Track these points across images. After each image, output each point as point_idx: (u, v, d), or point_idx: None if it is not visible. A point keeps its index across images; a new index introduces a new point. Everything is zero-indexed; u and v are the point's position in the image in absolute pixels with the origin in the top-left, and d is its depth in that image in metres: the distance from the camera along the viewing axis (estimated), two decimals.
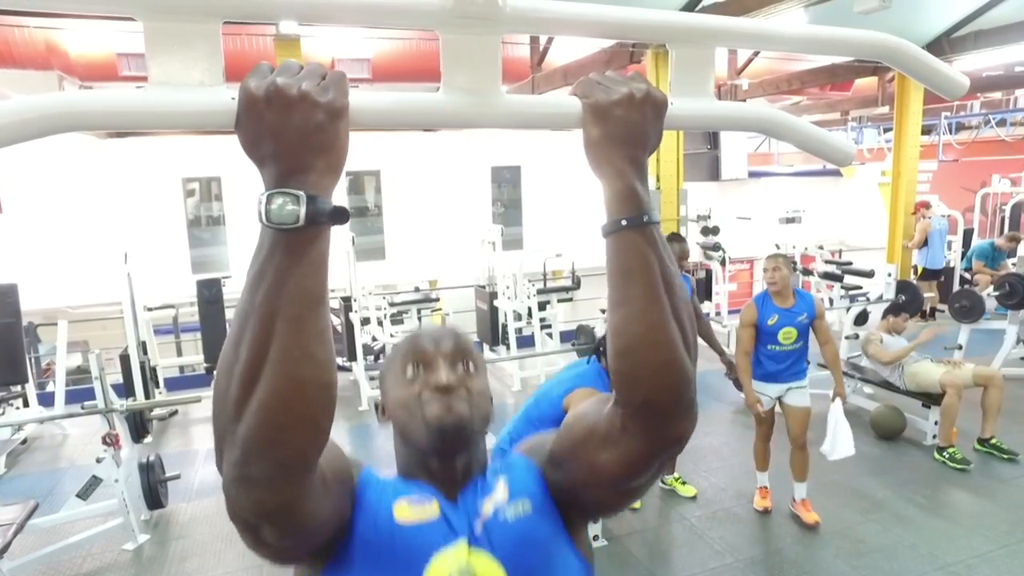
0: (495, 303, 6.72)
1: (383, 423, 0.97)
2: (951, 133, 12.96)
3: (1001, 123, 13.18)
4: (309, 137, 0.61)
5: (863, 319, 6.30)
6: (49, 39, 6.78)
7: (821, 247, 7.50)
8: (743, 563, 3.13)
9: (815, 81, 9.48)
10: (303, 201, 0.60)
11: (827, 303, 6.76)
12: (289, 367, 0.62)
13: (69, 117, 0.57)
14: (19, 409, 5.19)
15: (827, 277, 6.92)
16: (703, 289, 7.35)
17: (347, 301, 5.82)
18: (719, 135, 12.77)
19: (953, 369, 4.30)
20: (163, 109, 0.60)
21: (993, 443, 4.17)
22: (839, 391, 3.46)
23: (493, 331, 6.73)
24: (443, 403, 0.85)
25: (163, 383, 5.91)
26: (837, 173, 14.49)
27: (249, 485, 0.66)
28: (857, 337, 5.18)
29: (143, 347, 5.12)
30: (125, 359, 4.72)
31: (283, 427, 0.63)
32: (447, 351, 0.90)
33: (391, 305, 6.85)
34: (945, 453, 4.08)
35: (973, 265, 8.03)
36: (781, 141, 0.90)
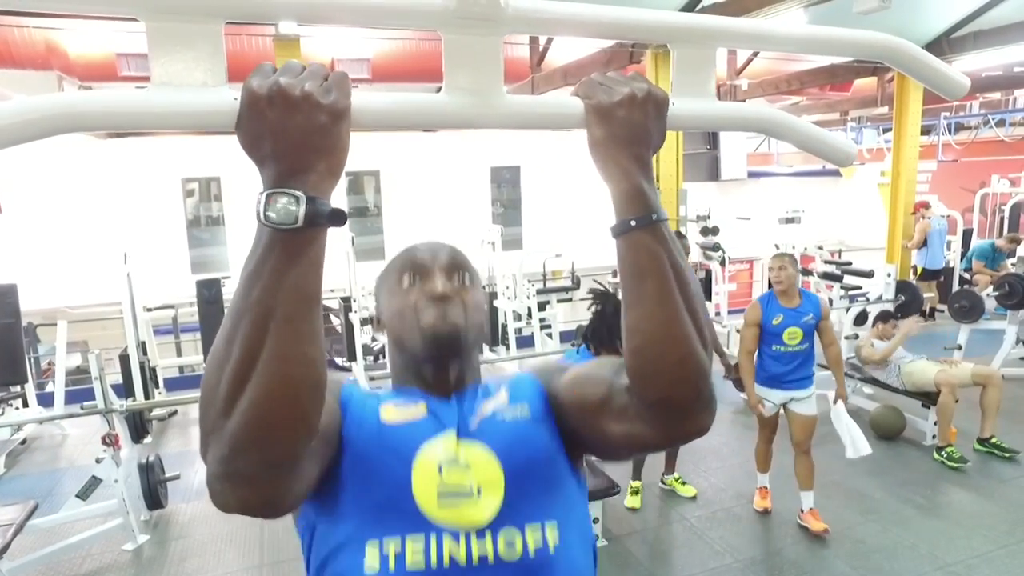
0: (495, 303, 6.71)
1: (377, 335, 0.97)
2: (950, 133, 12.97)
3: (1000, 123, 13.19)
4: (310, 138, 0.61)
5: (862, 319, 6.30)
6: (49, 39, 6.77)
7: (821, 247, 7.49)
8: (743, 563, 3.13)
9: (814, 81, 9.48)
10: (303, 202, 0.60)
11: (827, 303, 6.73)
12: (282, 366, 0.62)
13: (72, 118, 0.57)
14: (18, 409, 5.19)
15: (826, 277, 6.91)
16: (703, 289, 7.33)
17: (346, 301, 5.82)
18: (718, 135, 12.78)
19: (949, 368, 4.30)
20: (166, 110, 0.60)
21: (993, 442, 4.17)
22: (841, 393, 3.44)
23: (493, 331, 6.71)
24: (439, 311, 0.86)
25: (163, 383, 5.90)
26: (836, 173, 14.50)
27: (235, 481, 0.66)
28: (856, 337, 5.19)
29: (143, 347, 5.11)
30: (125, 359, 4.71)
31: (273, 425, 0.63)
32: (444, 263, 0.91)
33: None
34: (943, 452, 4.08)
35: (973, 265, 8.03)
36: (781, 141, 0.90)
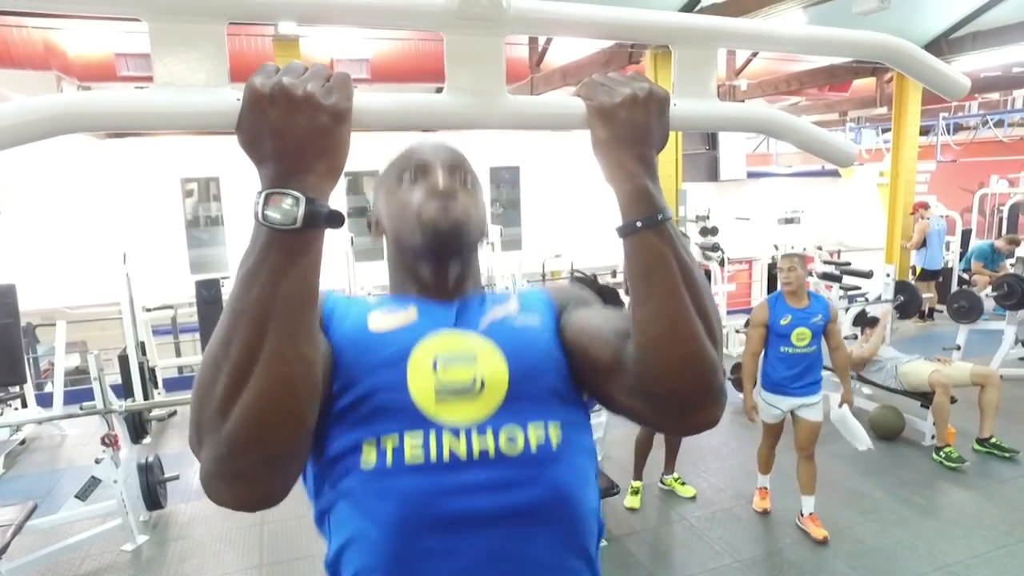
0: None
1: (375, 240, 0.95)
2: (949, 134, 12.99)
3: (999, 124, 13.22)
4: (311, 139, 0.62)
5: (862, 320, 6.30)
6: (48, 39, 6.75)
7: (820, 247, 7.50)
8: (742, 563, 3.13)
9: (813, 82, 9.49)
10: (301, 203, 0.61)
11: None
12: (280, 367, 0.62)
13: (75, 118, 0.57)
14: (17, 410, 5.18)
15: (826, 277, 6.91)
16: None
17: None
18: (717, 136, 12.80)
19: (943, 367, 4.30)
20: (169, 110, 0.60)
21: (993, 442, 4.16)
22: (847, 398, 3.42)
23: None
24: (440, 205, 0.84)
25: (162, 384, 5.90)
26: (835, 174, 14.52)
27: (232, 480, 0.67)
28: (855, 338, 5.19)
29: (142, 348, 5.10)
30: (124, 360, 4.71)
31: (271, 425, 0.63)
32: (446, 160, 0.90)
33: None
34: (942, 453, 4.08)
35: (972, 266, 8.04)
36: (781, 141, 0.90)
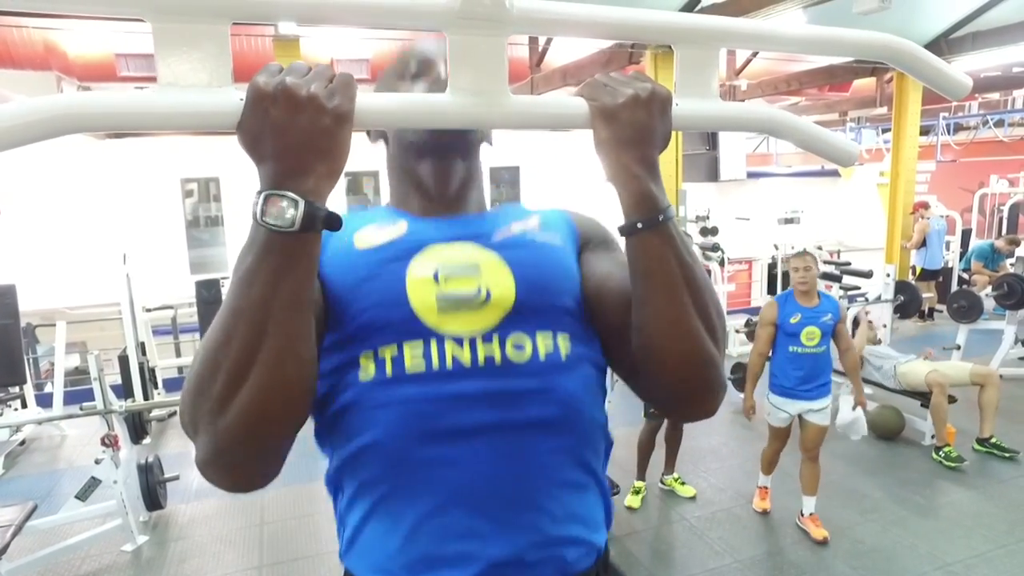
0: None
1: (374, 143, 0.93)
2: (949, 134, 12.99)
3: (999, 124, 13.23)
4: (312, 140, 0.62)
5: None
6: (48, 39, 6.75)
7: (820, 247, 7.51)
8: (742, 563, 3.13)
9: (813, 82, 9.48)
10: (300, 206, 0.61)
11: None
12: (278, 368, 0.63)
13: (79, 118, 0.57)
14: (17, 410, 5.18)
15: (826, 277, 6.91)
16: None
17: None
18: (717, 136, 12.78)
19: (940, 367, 4.29)
20: (172, 110, 0.60)
21: (993, 442, 4.16)
22: (860, 399, 3.39)
23: None
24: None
25: (162, 384, 5.89)
26: (835, 174, 14.53)
27: (227, 469, 0.69)
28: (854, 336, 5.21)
29: (142, 348, 5.10)
30: (124, 360, 4.70)
31: (268, 421, 0.65)
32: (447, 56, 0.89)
33: None
34: (941, 453, 4.08)
35: (972, 266, 8.04)
36: (781, 141, 0.90)
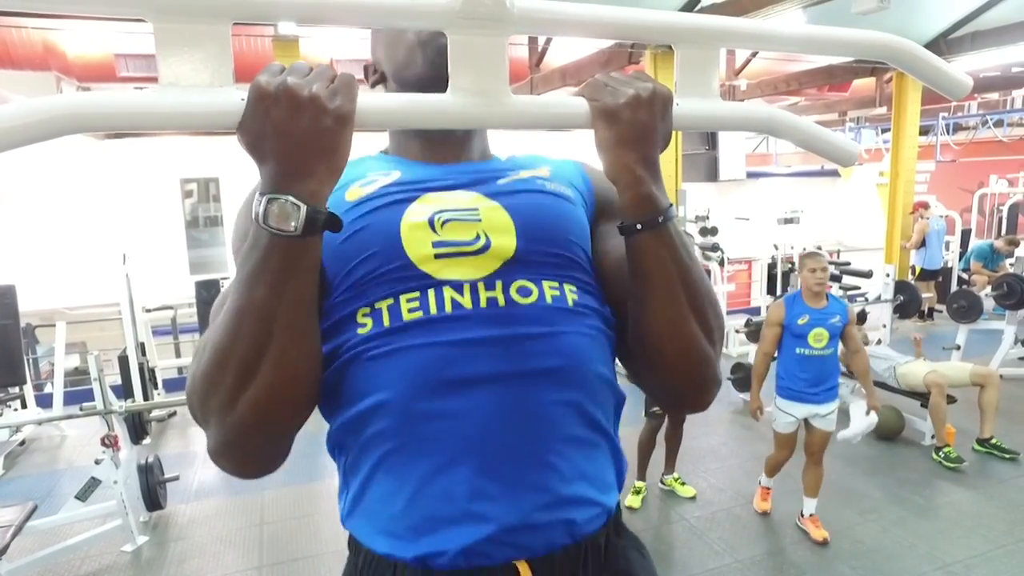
0: None
1: (373, 88, 0.91)
2: (949, 134, 12.99)
3: (998, 124, 13.23)
4: (314, 141, 0.62)
5: (862, 319, 6.31)
6: (47, 40, 6.75)
7: (819, 247, 7.50)
8: (742, 563, 3.13)
9: (813, 82, 9.48)
10: (302, 210, 0.61)
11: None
12: (285, 365, 0.65)
13: (81, 118, 0.57)
14: (17, 411, 5.18)
15: None
16: None
17: None
18: (717, 135, 12.78)
19: (939, 368, 4.29)
20: (174, 110, 0.60)
21: (993, 443, 4.16)
22: (873, 404, 3.32)
23: None
24: (440, 36, 0.76)
25: (161, 384, 5.90)
26: (835, 174, 14.53)
27: (237, 459, 0.72)
28: None
29: (142, 348, 5.10)
30: (123, 360, 4.70)
31: (277, 414, 0.67)
32: None
33: None
34: (941, 453, 4.08)
35: (971, 266, 8.04)
36: (781, 141, 0.90)
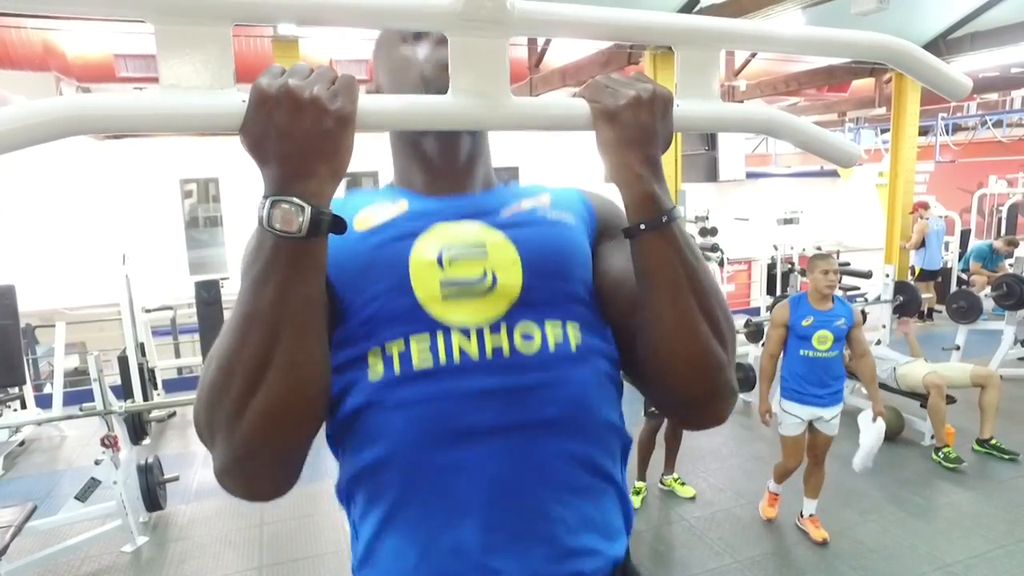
0: None
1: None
2: (948, 134, 13.00)
3: (998, 124, 13.24)
4: (316, 142, 0.62)
5: (862, 320, 6.32)
6: (47, 40, 6.74)
7: (819, 248, 7.51)
8: (742, 564, 3.13)
9: (812, 82, 9.49)
10: (306, 212, 0.61)
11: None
12: (293, 369, 0.64)
13: (83, 120, 0.57)
14: (17, 411, 5.17)
15: None
16: None
17: None
18: (717, 136, 12.80)
19: (938, 369, 4.29)
20: (175, 112, 0.60)
21: (993, 443, 4.17)
22: (878, 409, 3.29)
23: None
24: (442, 62, 0.75)
25: (161, 385, 5.89)
26: (834, 174, 14.53)
27: (245, 478, 0.69)
28: None
29: (141, 349, 5.09)
30: (123, 361, 4.70)
31: (286, 423, 0.65)
32: None
33: None
34: (940, 453, 4.08)
35: (971, 266, 8.04)
36: (780, 141, 0.90)
